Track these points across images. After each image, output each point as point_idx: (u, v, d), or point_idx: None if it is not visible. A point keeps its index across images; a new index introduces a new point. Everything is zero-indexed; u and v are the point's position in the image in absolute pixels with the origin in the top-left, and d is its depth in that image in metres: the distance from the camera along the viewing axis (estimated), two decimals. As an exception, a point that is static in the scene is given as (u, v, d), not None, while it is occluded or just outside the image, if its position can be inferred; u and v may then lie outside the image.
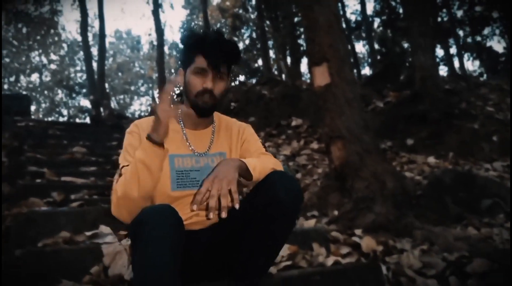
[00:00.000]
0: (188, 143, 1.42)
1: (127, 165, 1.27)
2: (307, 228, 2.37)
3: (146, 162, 1.20)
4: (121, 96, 33.41)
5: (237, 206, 1.14)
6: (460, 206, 3.73)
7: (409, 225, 3.20)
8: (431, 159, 5.32)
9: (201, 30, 1.41)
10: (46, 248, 1.52)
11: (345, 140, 3.49)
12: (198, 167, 1.39)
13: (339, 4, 13.93)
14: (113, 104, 28.82)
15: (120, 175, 1.26)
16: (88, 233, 1.69)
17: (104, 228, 1.70)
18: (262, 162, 1.32)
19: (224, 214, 1.12)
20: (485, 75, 20.06)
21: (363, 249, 2.70)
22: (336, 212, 3.37)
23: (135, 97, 34.66)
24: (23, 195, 2.76)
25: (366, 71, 21.94)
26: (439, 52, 19.16)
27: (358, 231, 3.02)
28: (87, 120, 19.06)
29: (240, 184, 1.29)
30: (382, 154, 3.70)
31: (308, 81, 11.38)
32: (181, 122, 1.45)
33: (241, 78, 20.11)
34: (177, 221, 1.10)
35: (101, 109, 15.82)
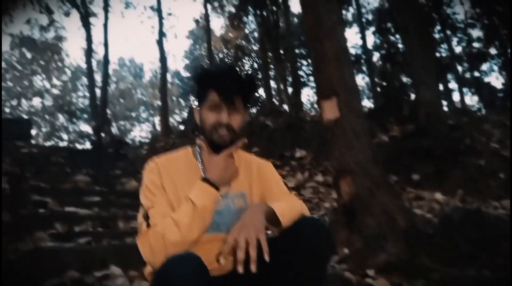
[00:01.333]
0: None
1: (152, 207, 1.22)
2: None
3: (209, 207, 1.20)
4: (122, 122, 33.51)
5: (267, 257, 1.06)
6: (471, 245, 3.63)
7: (423, 265, 3.10)
8: (438, 196, 5.25)
9: (210, 64, 1.38)
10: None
11: (354, 174, 3.43)
12: (218, 210, 1.31)
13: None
14: (114, 130, 28.87)
15: (147, 217, 1.20)
16: (98, 274, 1.59)
17: (115, 270, 1.61)
18: (290, 207, 1.25)
19: (253, 268, 1.05)
20: (483, 110, 20.24)
21: (377, 292, 2.60)
22: (346, 250, 3.27)
23: (136, 124, 34.80)
24: (25, 225, 2.67)
25: (365, 103, 22.16)
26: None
27: (370, 272, 2.92)
28: (87, 144, 19.06)
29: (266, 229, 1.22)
30: (392, 188, 3.62)
31: (310, 112, 11.43)
32: (200, 162, 1.37)
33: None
34: (203, 272, 1.02)
35: (102, 135, 15.85)
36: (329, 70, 3.78)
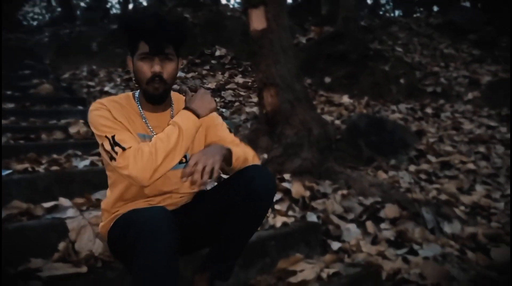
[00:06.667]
0: (148, 126, 1.42)
1: (116, 134, 1.28)
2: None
3: (191, 130, 1.32)
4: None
5: (215, 175, 1.26)
6: (372, 149, 4.21)
7: (330, 168, 3.56)
8: (346, 99, 5.75)
9: (138, 13, 1.37)
10: (7, 226, 1.46)
11: (278, 88, 3.61)
12: None
13: None
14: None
15: (116, 143, 1.26)
16: (47, 205, 1.64)
17: (63, 201, 1.66)
18: (243, 152, 1.42)
19: (202, 187, 1.36)
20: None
21: (293, 195, 2.99)
22: (265, 156, 3.59)
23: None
24: None
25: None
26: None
27: (287, 176, 3.30)
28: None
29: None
30: (310, 101, 3.92)
31: (232, 6, 10.97)
32: (139, 106, 1.43)
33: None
34: (172, 224, 1.15)
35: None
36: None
